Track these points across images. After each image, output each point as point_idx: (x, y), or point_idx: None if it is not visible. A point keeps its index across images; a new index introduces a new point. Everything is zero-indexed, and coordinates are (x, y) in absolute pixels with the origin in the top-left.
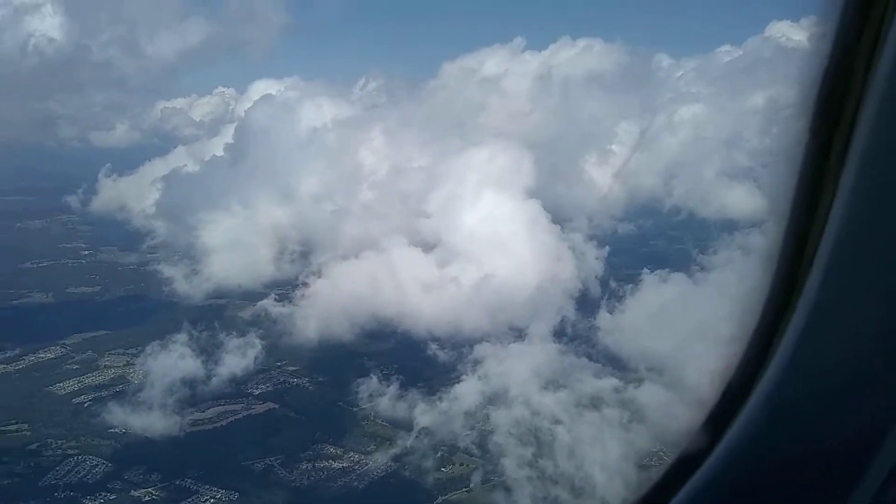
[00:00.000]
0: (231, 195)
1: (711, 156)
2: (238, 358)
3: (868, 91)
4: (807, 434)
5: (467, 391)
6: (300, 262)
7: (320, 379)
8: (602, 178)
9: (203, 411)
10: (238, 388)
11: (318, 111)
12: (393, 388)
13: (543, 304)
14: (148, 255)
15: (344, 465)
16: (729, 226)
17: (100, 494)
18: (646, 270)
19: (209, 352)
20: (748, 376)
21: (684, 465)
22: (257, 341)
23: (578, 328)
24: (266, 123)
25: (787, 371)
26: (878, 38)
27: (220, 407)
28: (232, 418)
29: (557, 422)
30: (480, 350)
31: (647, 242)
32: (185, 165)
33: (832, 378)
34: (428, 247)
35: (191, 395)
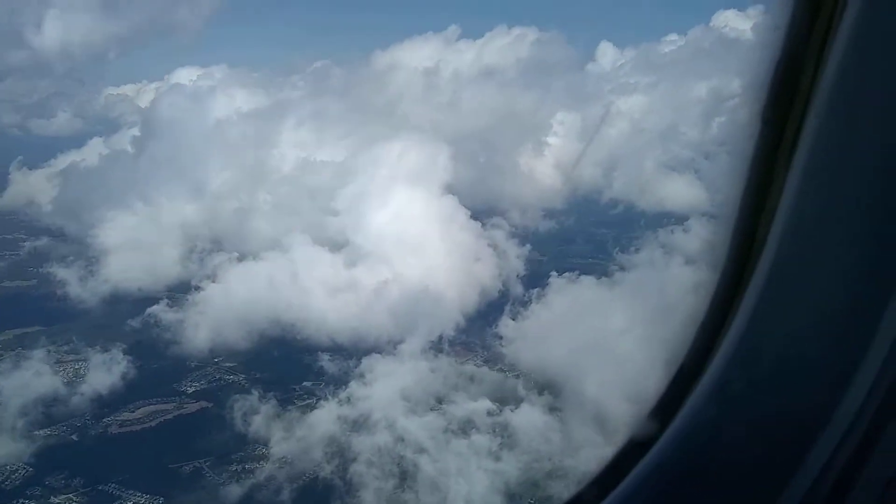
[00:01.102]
0: (134, 191)
1: (652, 147)
2: (103, 375)
3: (819, 80)
4: (751, 419)
5: (331, 414)
6: (209, 261)
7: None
8: (539, 170)
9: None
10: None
11: (231, 101)
12: (269, 406)
13: (449, 310)
14: (41, 255)
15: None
16: (665, 218)
17: (17, 502)
18: (554, 273)
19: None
20: (696, 363)
21: (631, 451)
22: (122, 357)
23: (476, 337)
24: (174, 115)
25: (734, 358)
26: (829, 28)
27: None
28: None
29: (422, 450)
30: (368, 363)
31: (569, 240)
32: (83, 160)
33: (778, 365)
34: (336, 246)
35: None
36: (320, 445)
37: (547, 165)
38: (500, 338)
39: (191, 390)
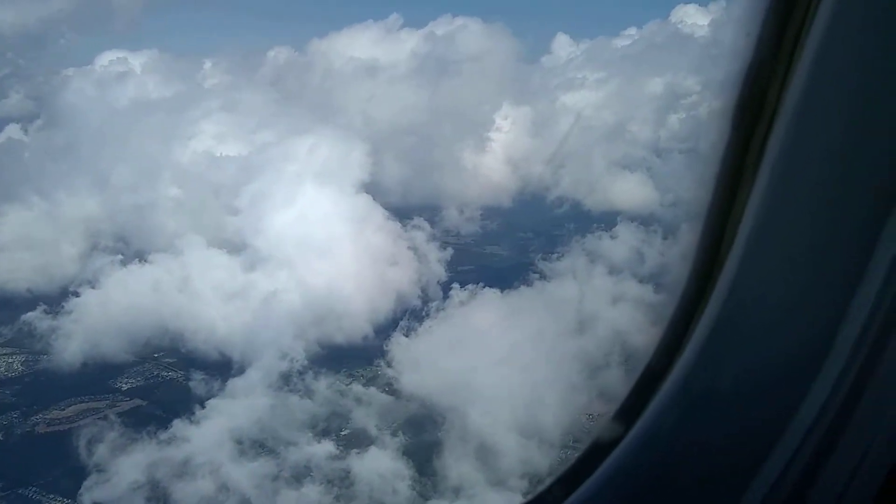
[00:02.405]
0: (31, 183)
1: (602, 144)
2: None
3: (788, 86)
4: (715, 421)
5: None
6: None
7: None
8: (484, 166)
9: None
10: None
11: (144, 89)
12: (115, 435)
13: (353, 319)
14: None
15: None
16: (612, 217)
17: None
18: (455, 285)
19: None
20: (662, 365)
21: (594, 453)
22: None
23: (374, 352)
24: (79, 103)
25: (699, 360)
26: (799, 35)
27: None
28: None
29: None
30: (232, 386)
31: (490, 243)
32: None
33: (742, 367)
34: (235, 248)
35: None
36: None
37: (494, 161)
38: (385, 357)
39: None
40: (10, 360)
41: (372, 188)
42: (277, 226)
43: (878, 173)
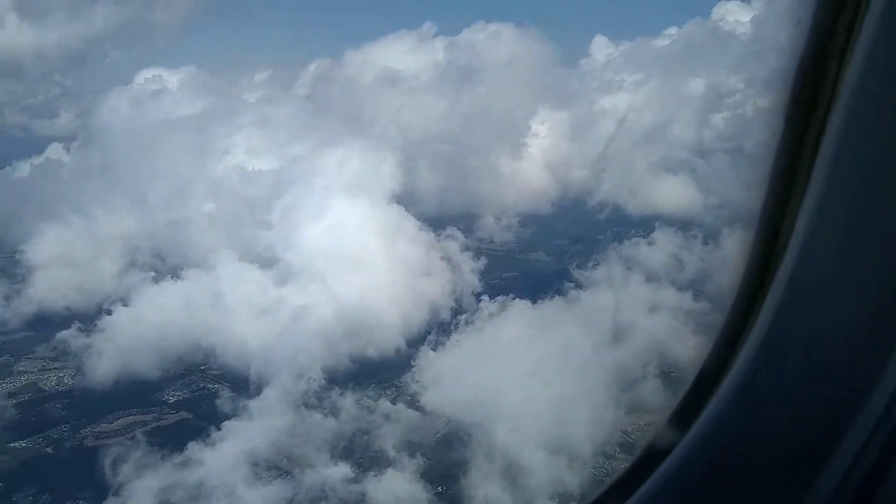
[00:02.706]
0: (70, 202)
1: (642, 147)
2: None
3: (843, 78)
4: (774, 422)
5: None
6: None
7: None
8: (523, 172)
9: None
10: None
11: (180, 105)
12: (141, 456)
13: (386, 332)
14: None
15: None
16: (654, 222)
17: None
18: (485, 297)
19: None
20: (718, 367)
21: (649, 459)
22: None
23: (388, 371)
24: (115, 121)
25: (756, 362)
26: (853, 24)
27: None
28: None
29: None
30: (258, 403)
31: (526, 251)
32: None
33: (802, 367)
34: (266, 263)
35: None
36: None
37: (531, 167)
38: (413, 371)
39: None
40: (61, 375)
41: (406, 198)
42: (309, 239)
43: None
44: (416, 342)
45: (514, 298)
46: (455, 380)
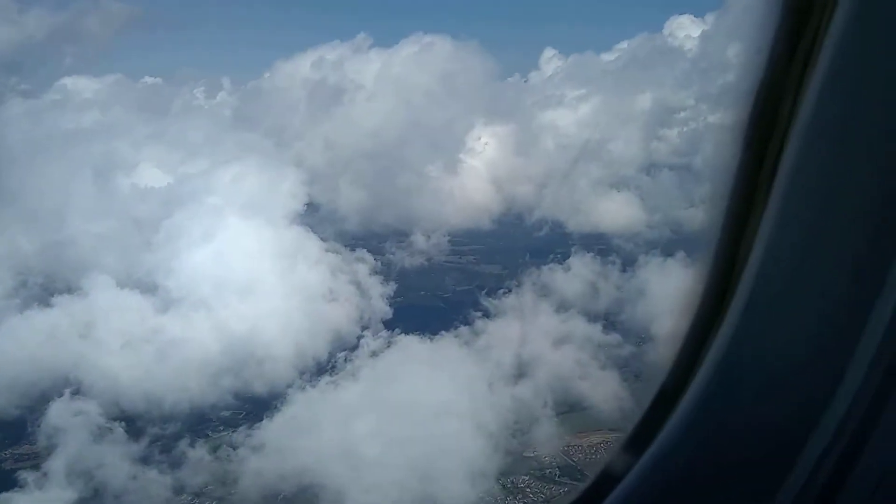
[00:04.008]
0: None
1: (584, 163)
2: None
3: (801, 104)
4: (732, 444)
5: None
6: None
7: None
8: (452, 189)
9: None
10: None
11: (85, 117)
12: None
13: (272, 367)
14: None
15: None
16: (595, 240)
17: None
18: (365, 333)
19: None
20: (674, 390)
21: (603, 483)
22: None
23: (264, 408)
24: (13, 133)
25: (713, 383)
26: (811, 52)
27: None
28: None
29: None
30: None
31: (434, 276)
32: None
33: (760, 388)
34: (148, 288)
35: None
36: None
37: (467, 183)
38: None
39: None
40: None
41: (329, 216)
42: (196, 263)
43: (894, 192)
44: (312, 375)
45: (399, 334)
46: (310, 430)
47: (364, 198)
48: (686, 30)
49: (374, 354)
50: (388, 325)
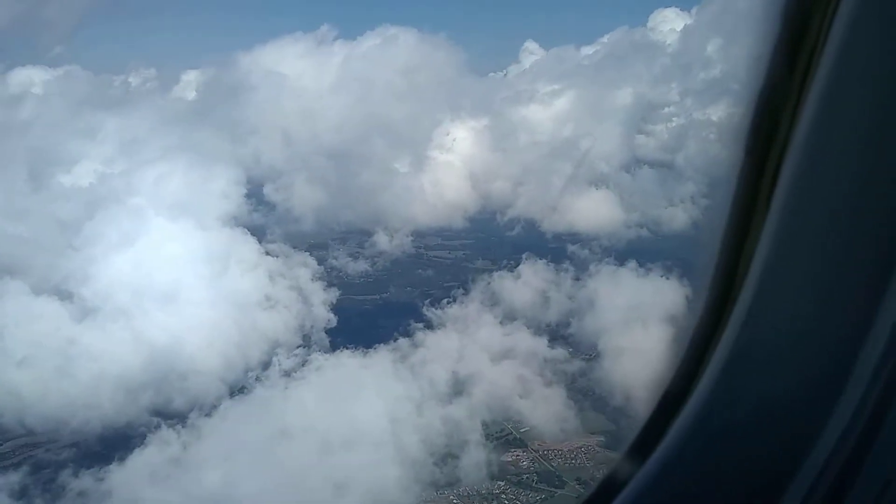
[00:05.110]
0: None
1: (560, 160)
2: None
3: (803, 108)
4: (733, 454)
5: None
6: None
7: None
8: (419, 187)
9: None
10: None
11: (28, 110)
12: None
13: (186, 383)
14: None
15: None
16: (570, 239)
17: None
18: (278, 352)
19: None
20: (676, 399)
21: (605, 492)
22: None
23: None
24: None
25: (715, 392)
26: (812, 59)
27: None
28: None
29: None
30: None
31: (383, 281)
32: None
33: (761, 397)
34: (66, 295)
35: None
36: None
37: (435, 181)
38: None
39: None
40: None
41: (284, 216)
42: (117, 268)
43: (894, 198)
44: (241, 387)
45: (318, 351)
46: (193, 466)
47: (324, 196)
48: (671, 23)
49: (286, 374)
50: (330, 333)
